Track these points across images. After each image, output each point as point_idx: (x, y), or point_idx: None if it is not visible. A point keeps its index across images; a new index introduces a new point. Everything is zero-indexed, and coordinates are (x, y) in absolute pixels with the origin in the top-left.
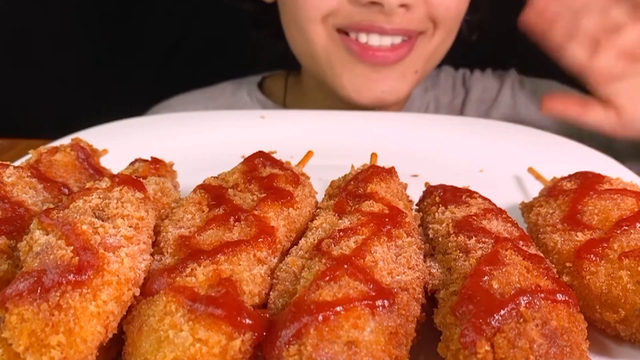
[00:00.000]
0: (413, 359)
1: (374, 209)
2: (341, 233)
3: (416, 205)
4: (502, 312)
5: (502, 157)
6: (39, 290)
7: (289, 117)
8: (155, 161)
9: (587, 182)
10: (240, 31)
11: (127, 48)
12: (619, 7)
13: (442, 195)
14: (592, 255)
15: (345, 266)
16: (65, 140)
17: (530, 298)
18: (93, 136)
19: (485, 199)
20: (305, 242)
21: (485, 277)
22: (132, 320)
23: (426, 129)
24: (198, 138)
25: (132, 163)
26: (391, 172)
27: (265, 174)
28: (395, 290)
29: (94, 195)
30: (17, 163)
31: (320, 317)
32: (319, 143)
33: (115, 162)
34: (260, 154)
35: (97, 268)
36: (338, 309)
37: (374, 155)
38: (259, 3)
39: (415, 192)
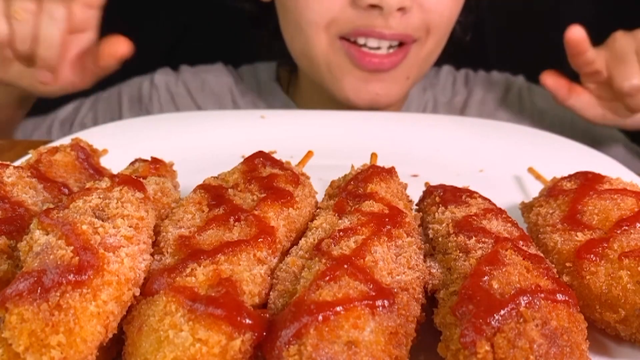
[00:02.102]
0: (413, 359)
1: (374, 209)
2: (341, 233)
3: (416, 205)
4: (502, 312)
5: (502, 157)
6: (39, 290)
7: (289, 117)
8: (155, 161)
9: (587, 182)
10: (240, 31)
11: None
12: None
13: (442, 195)
14: (592, 255)
15: (345, 266)
16: (65, 140)
17: (530, 298)
18: (93, 136)
19: (485, 199)
20: (305, 242)
21: (485, 277)
22: (132, 320)
23: (426, 129)
24: (198, 138)
25: (132, 163)
26: (391, 172)
27: (265, 174)
28: (395, 290)
29: (94, 195)
30: (17, 163)
31: (320, 317)
32: (319, 143)
33: (115, 162)
34: (260, 154)
35: (97, 268)
36: (338, 309)
37: (374, 155)
38: (256, 2)
39: (415, 192)
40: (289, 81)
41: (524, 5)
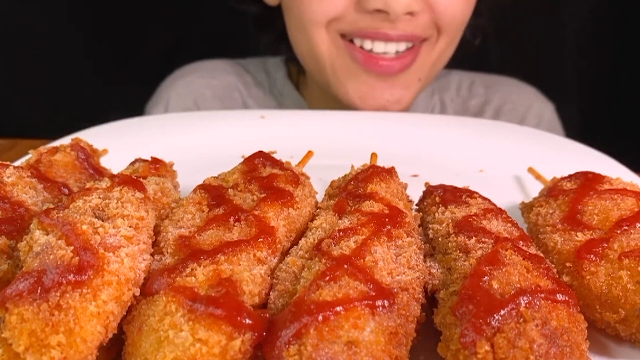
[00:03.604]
0: (413, 359)
1: (374, 209)
2: (341, 233)
3: (416, 205)
4: (502, 312)
5: (502, 157)
6: (39, 290)
7: (289, 117)
8: (155, 161)
9: (587, 182)
10: (241, 31)
11: (127, 48)
12: None
13: (442, 195)
14: (592, 255)
15: (345, 266)
16: (65, 140)
17: (530, 298)
18: (93, 136)
19: (485, 199)
20: (305, 242)
21: (485, 277)
22: (132, 320)
23: (426, 129)
24: (198, 138)
25: (132, 163)
26: (391, 172)
27: (265, 174)
28: (395, 290)
29: (94, 195)
30: (17, 163)
31: (320, 317)
32: (319, 143)
33: (115, 162)
34: (260, 154)
35: (97, 268)
36: (338, 309)
37: (374, 155)
38: (263, 6)
39: (415, 192)
40: (299, 80)
41: (524, 6)
